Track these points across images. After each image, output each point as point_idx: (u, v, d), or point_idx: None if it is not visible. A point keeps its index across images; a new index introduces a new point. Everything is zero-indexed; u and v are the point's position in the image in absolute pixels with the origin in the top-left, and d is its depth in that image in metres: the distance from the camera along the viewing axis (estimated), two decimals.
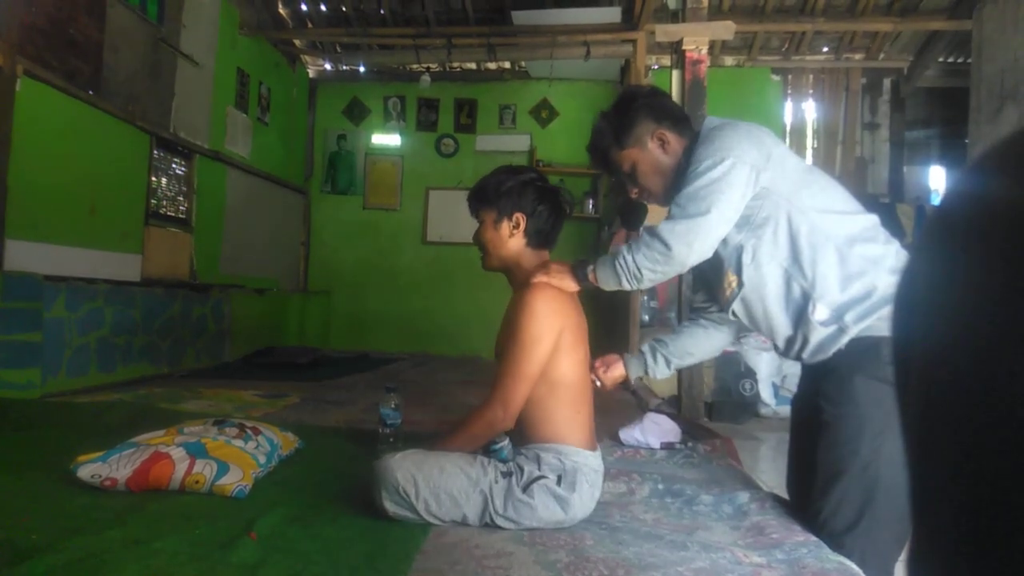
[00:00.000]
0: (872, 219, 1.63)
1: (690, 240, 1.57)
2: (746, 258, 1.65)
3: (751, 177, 1.58)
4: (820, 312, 1.57)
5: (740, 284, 1.68)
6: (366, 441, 2.40)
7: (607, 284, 1.70)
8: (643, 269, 1.62)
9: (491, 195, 1.83)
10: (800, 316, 1.61)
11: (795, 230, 1.60)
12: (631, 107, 1.77)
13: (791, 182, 1.61)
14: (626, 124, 1.76)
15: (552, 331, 1.68)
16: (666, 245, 1.58)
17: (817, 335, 1.59)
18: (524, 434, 1.74)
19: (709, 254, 1.62)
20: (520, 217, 1.80)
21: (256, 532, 1.54)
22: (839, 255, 1.56)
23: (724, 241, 1.66)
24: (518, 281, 1.83)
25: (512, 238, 1.82)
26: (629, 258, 1.63)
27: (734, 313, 1.75)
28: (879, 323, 1.52)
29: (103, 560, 1.38)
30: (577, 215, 6.79)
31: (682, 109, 1.91)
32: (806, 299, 1.59)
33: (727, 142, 1.60)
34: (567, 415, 1.71)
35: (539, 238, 1.82)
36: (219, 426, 2.10)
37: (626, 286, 1.68)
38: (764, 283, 1.65)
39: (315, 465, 2.19)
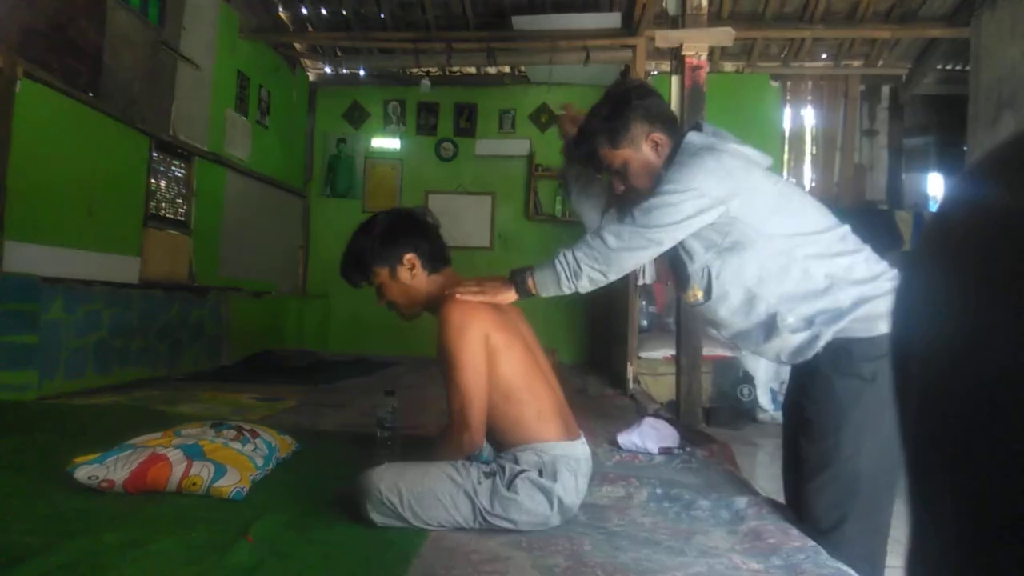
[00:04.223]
0: (840, 232, 1.69)
1: (632, 247, 1.64)
2: (713, 277, 1.72)
3: (708, 210, 1.64)
4: (789, 321, 1.65)
5: (706, 297, 1.76)
6: (364, 445, 2.39)
7: (546, 289, 1.73)
8: (583, 265, 1.66)
9: (372, 256, 1.84)
10: (771, 329, 1.69)
11: (762, 256, 1.67)
12: (626, 108, 1.78)
13: (761, 211, 1.66)
14: (621, 125, 1.77)
15: (477, 340, 1.68)
16: (607, 246, 1.64)
17: (791, 341, 1.67)
18: (499, 442, 1.76)
19: (640, 265, 1.66)
20: (411, 258, 1.82)
21: (253, 535, 1.54)
22: (804, 274, 1.64)
23: (691, 258, 1.73)
24: (438, 306, 1.82)
25: (415, 279, 1.84)
26: (570, 255, 1.67)
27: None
28: (852, 325, 1.60)
29: (99, 562, 1.37)
30: (576, 219, 6.79)
31: (670, 108, 1.93)
32: (772, 316, 1.67)
33: (696, 174, 1.64)
34: (531, 415, 1.71)
35: (434, 262, 1.86)
36: (217, 428, 2.10)
37: (565, 288, 1.71)
38: (726, 299, 1.73)
39: (312, 469, 2.19)
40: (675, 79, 3.39)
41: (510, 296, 1.76)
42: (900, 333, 0.33)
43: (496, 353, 1.70)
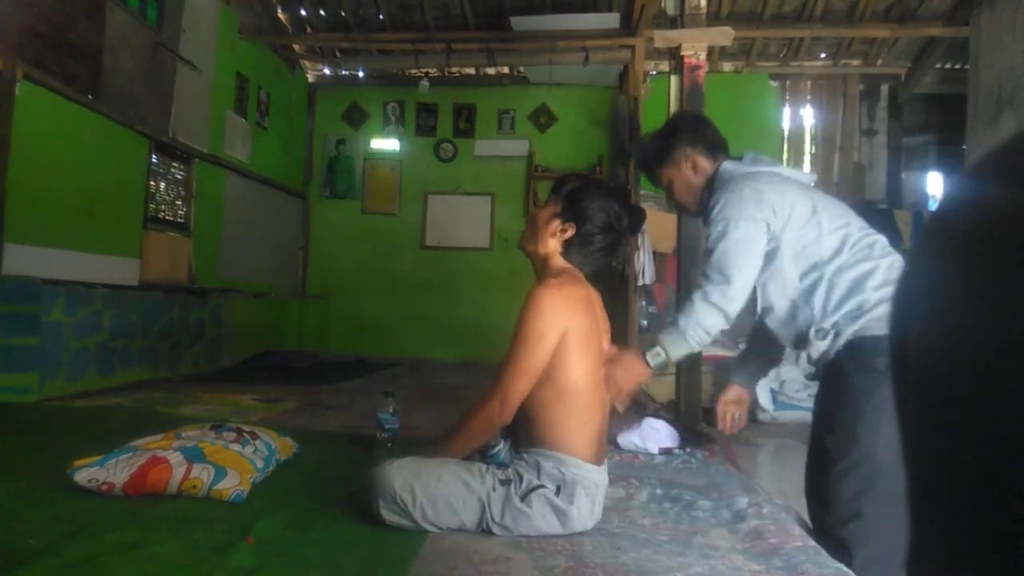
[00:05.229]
0: (869, 240, 1.83)
1: (727, 301, 1.85)
2: (759, 290, 1.92)
3: (761, 228, 1.83)
4: (819, 332, 1.80)
5: (754, 311, 1.96)
6: (364, 446, 2.39)
7: (680, 353, 1.92)
8: (708, 335, 1.88)
9: (569, 191, 1.84)
10: (803, 337, 1.85)
11: (799, 269, 1.84)
12: (673, 133, 2.09)
13: (794, 227, 1.84)
14: (666, 147, 2.06)
15: (555, 330, 1.66)
16: (718, 310, 1.85)
17: (819, 347, 1.81)
18: (528, 435, 1.72)
19: (748, 296, 1.87)
20: (571, 227, 1.80)
21: (253, 537, 1.54)
22: (828, 284, 1.79)
23: None
24: (539, 276, 1.84)
25: (552, 237, 1.82)
26: (692, 331, 1.87)
27: None
28: (869, 324, 1.72)
29: (100, 564, 1.37)
30: None
31: (719, 136, 2.14)
32: (808, 325, 1.82)
33: (737, 205, 1.85)
34: (574, 425, 1.69)
35: (578, 257, 1.83)
36: (217, 430, 2.09)
37: (695, 348, 1.91)
38: (772, 312, 1.91)
39: (313, 470, 2.19)
40: (674, 79, 3.38)
41: (644, 373, 1.91)
42: (899, 324, 0.33)
43: (569, 351, 1.68)
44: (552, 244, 1.82)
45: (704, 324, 1.85)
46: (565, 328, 1.68)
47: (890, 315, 0.34)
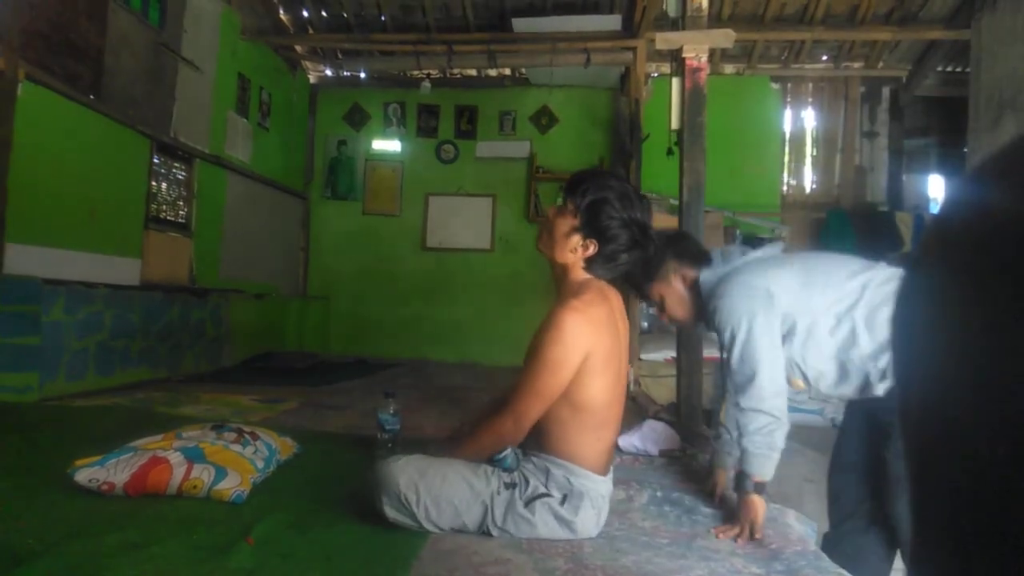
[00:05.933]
0: (882, 275, 1.84)
1: (760, 399, 1.80)
2: (801, 365, 1.90)
3: (767, 317, 1.83)
4: (880, 372, 1.79)
5: (807, 383, 1.94)
6: (365, 446, 2.39)
7: (761, 468, 1.84)
8: (769, 437, 1.81)
9: (588, 204, 1.69)
10: (866, 383, 1.84)
11: (826, 327, 1.84)
12: (658, 249, 2.09)
13: (797, 295, 1.86)
14: (654, 263, 2.08)
15: (577, 355, 1.62)
16: (754, 412, 1.80)
17: (884, 387, 1.81)
18: (539, 442, 1.71)
19: (785, 384, 1.84)
20: (593, 244, 1.70)
21: (253, 537, 1.54)
22: (868, 327, 1.78)
23: None
24: (559, 285, 1.78)
25: (575, 252, 1.72)
26: (751, 443, 1.82)
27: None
28: None
29: (100, 564, 1.37)
30: None
31: (700, 246, 2.20)
32: (864, 371, 1.82)
33: (733, 308, 1.86)
34: (588, 440, 1.68)
35: (601, 270, 1.75)
36: (217, 431, 2.10)
37: (771, 454, 1.83)
38: (823, 377, 1.90)
39: (313, 471, 2.19)
40: (675, 81, 3.38)
41: (759, 507, 1.79)
42: (901, 352, 0.32)
43: (590, 372, 1.64)
44: (572, 258, 1.73)
45: (754, 430, 1.80)
46: (587, 352, 1.63)
47: (891, 332, 0.33)
